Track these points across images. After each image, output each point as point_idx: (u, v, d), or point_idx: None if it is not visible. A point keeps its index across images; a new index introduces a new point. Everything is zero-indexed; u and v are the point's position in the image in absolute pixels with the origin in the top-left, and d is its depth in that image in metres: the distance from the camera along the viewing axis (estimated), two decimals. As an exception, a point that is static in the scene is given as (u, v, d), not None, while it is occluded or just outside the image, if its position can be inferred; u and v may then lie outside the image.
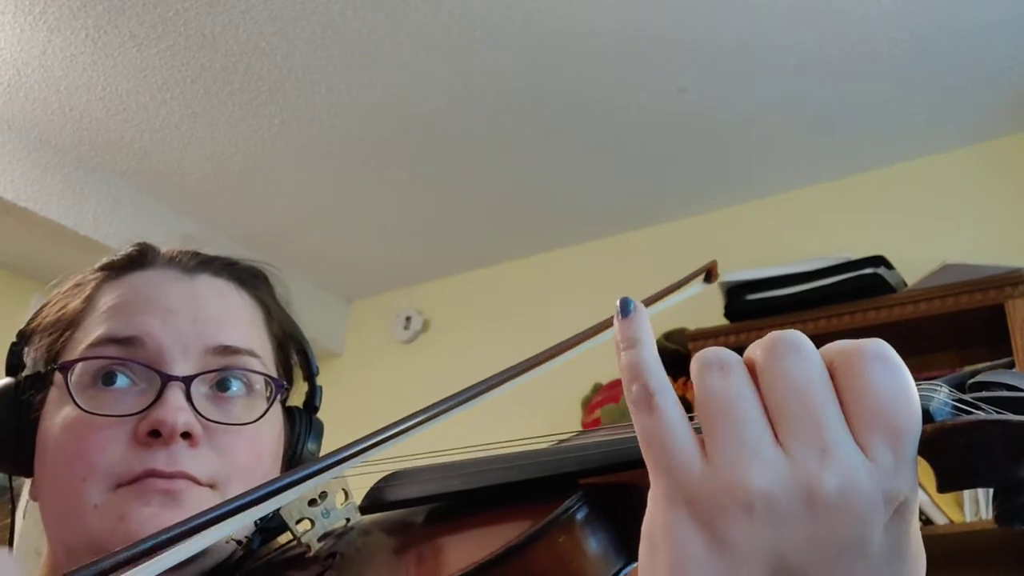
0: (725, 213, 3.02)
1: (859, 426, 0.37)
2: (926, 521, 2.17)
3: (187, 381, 0.69)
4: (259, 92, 2.55)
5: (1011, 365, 0.44)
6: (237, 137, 2.73)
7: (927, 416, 0.38)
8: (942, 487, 0.38)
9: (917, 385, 0.39)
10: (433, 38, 2.33)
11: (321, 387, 0.83)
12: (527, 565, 0.45)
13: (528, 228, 3.18)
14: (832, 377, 0.39)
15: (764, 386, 0.39)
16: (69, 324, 0.75)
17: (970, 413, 0.39)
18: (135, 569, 0.44)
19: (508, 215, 3.10)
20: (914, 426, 0.37)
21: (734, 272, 2.62)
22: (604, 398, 2.68)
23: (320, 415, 0.85)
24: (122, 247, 0.80)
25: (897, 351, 0.41)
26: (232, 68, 2.46)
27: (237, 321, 0.75)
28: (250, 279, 0.80)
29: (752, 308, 2.52)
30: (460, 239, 3.26)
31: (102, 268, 0.78)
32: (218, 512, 0.46)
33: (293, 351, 0.82)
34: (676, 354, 2.64)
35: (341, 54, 2.40)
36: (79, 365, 0.70)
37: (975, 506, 2.14)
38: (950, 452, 0.38)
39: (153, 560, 0.45)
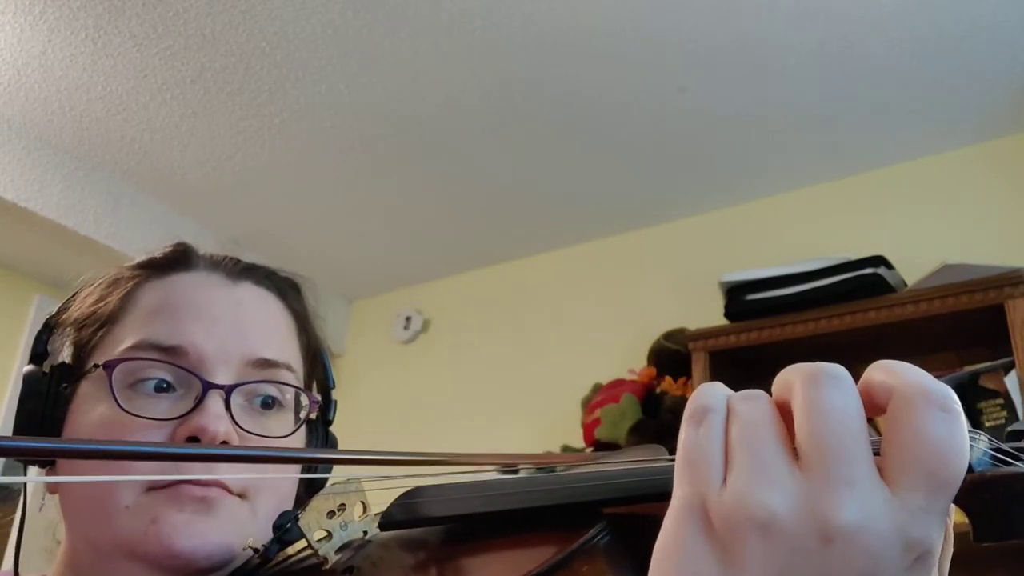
0: (725, 213, 3.01)
1: (898, 466, 0.37)
2: (926, 521, 2.17)
3: (228, 390, 0.69)
4: (259, 92, 2.55)
5: (1011, 365, 0.43)
6: (237, 137, 2.73)
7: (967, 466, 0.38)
8: (979, 538, 0.38)
9: None
10: (433, 38, 2.33)
11: (336, 401, 0.83)
12: None
13: (528, 228, 3.18)
14: (887, 406, 0.39)
15: (799, 413, 0.39)
16: (106, 320, 0.74)
17: (1009, 464, 0.38)
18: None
19: (508, 215, 3.10)
20: (956, 480, 0.37)
21: (734, 272, 2.62)
22: (604, 398, 2.68)
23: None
24: (160, 247, 0.80)
25: (897, 351, 0.41)
26: (232, 68, 2.46)
27: (276, 333, 0.76)
28: (288, 290, 0.81)
29: (752, 308, 2.52)
30: (460, 239, 3.26)
31: (142, 266, 0.78)
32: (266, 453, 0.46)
33: (315, 363, 0.82)
34: (676, 354, 2.64)
35: (341, 54, 2.40)
36: (122, 364, 0.69)
37: (975, 506, 2.14)
38: (988, 503, 0.37)
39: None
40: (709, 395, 0.42)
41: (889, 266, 2.47)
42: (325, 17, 2.28)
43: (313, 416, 0.79)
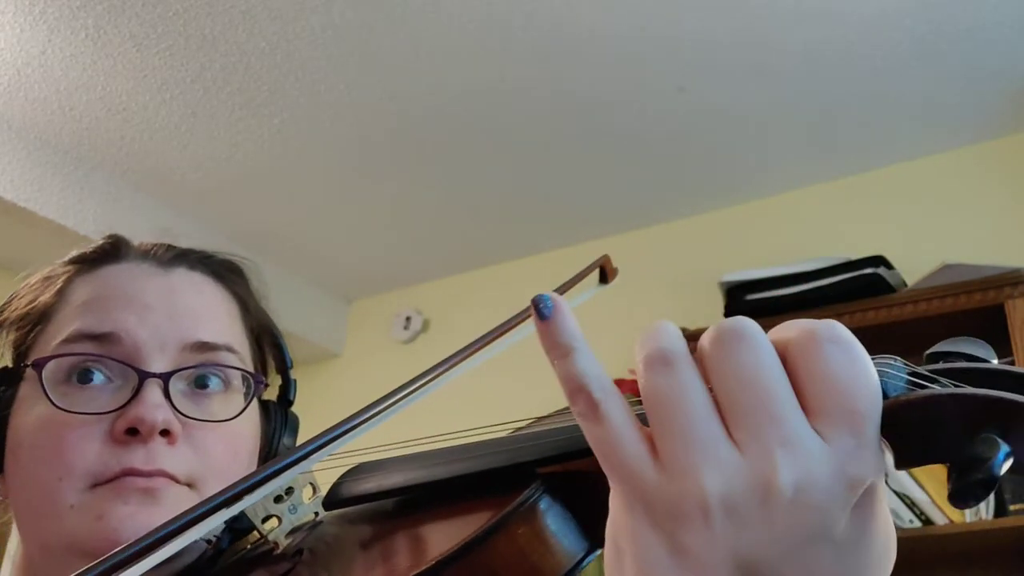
0: (725, 213, 3.01)
1: (817, 412, 0.36)
2: (926, 521, 2.17)
3: (165, 378, 0.68)
4: (259, 92, 2.54)
5: (1011, 365, 0.43)
6: (237, 137, 2.73)
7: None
8: (899, 464, 0.37)
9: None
10: (433, 38, 2.33)
11: (295, 380, 0.81)
12: (487, 558, 0.45)
13: (528, 228, 3.18)
14: (786, 363, 0.37)
15: (713, 380, 0.38)
16: (40, 318, 0.73)
17: (924, 387, 0.38)
18: None
19: (508, 215, 3.10)
20: (874, 407, 0.36)
21: (734, 272, 2.62)
22: (604, 398, 2.68)
23: (320, 415, 0.84)
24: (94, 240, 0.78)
25: (897, 351, 0.40)
26: (232, 68, 2.46)
27: (214, 316, 0.74)
28: (226, 273, 0.79)
29: (752, 308, 2.52)
30: (460, 239, 3.26)
31: (73, 261, 0.77)
32: (192, 515, 0.46)
33: (267, 344, 0.81)
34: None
35: (341, 54, 2.40)
36: (53, 361, 0.68)
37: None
38: (904, 428, 0.37)
39: (129, 570, 0.45)
40: (589, 379, 0.38)
41: (889, 266, 2.47)
42: (325, 17, 2.28)
43: (265, 397, 0.78)
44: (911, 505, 2.18)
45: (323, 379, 3.45)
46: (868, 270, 2.42)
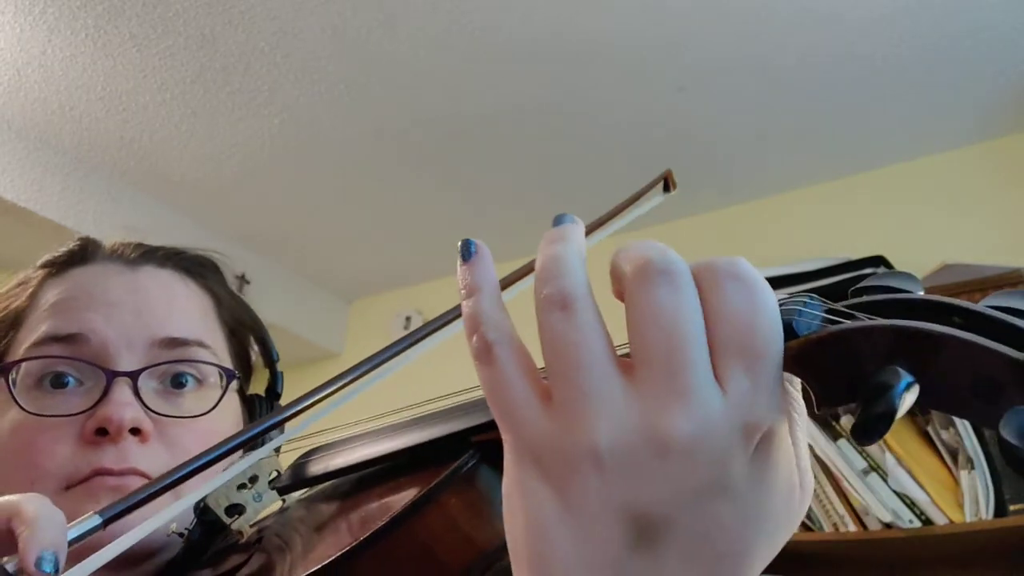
0: (725, 213, 3.01)
1: (714, 352, 0.34)
2: (926, 521, 2.17)
3: (134, 376, 0.67)
4: (259, 92, 2.54)
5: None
6: (237, 137, 2.72)
7: (791, 331, 0.35)
8: (820, 405, 0.35)
9: (782, 299, 0.36)
10: (432, 39, 2.33)
11: (282, 373, 0.81)
12: (417, 530, 0.44)
13: (528, 228, 3.17)
14: None
15: (629, 315, 0.36)
16: (12, 324, 0.73)
17: (839, 323, 0.35)
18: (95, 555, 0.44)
19: (508, 215, 3.10)
20: (773, 349, 0.34)
21: (734, 272, 2.62)
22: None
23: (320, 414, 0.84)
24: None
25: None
26: (232, 68, 2.46)
27: (183, 312, 0.74)
28: (197, 268, 0.79)
29: (752, 308, 2.52)
30: (460, 239, 3.25)
31: (44, 265, 0.77)
32: (148, 491, 0.46)
33: (251, 339, 0.80)
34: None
35: (341, 54, 2.40)
36: (23, 365, 0.68)
37: (975, 506, 2.14)
38: (819, 367, 0.34)
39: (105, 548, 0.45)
40: (487, 319, 0.37)
41: (889, 266, 2.47)
42: (325, 17, 2.28)
43: (253, 391, 0.77)
44: (911, 505, 2.18)
45: (323, 379, 3.44)
46: (868, 270, 2.42)
